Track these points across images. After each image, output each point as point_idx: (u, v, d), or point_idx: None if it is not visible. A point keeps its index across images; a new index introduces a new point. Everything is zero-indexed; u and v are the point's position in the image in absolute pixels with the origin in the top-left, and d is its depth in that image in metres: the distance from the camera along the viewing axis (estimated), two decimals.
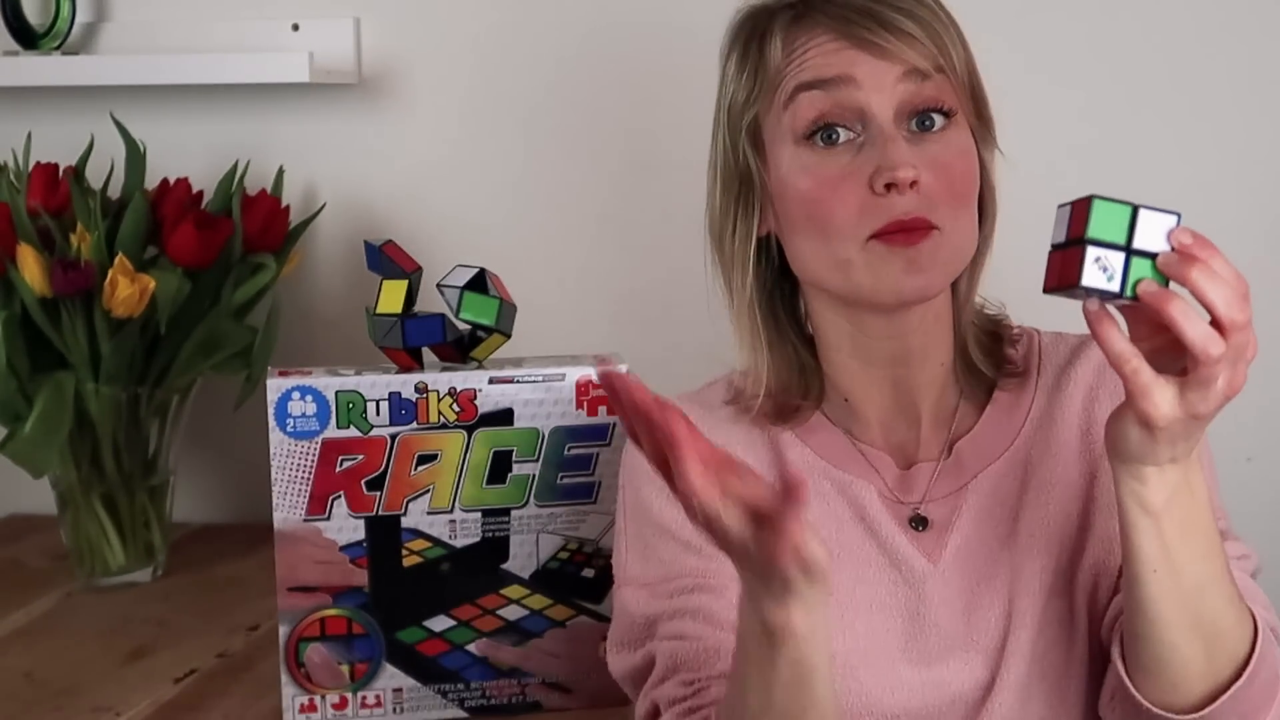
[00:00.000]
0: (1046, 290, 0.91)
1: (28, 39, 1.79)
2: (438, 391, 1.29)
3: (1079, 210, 0.88)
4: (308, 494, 1.29)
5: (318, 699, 1.32)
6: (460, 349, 1.31)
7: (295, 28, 1.76)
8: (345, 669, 1.32)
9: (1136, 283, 0.87)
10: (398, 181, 1.79)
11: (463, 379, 1.30)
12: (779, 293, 1.15)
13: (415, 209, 1.78)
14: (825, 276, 1.08)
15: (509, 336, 1.32)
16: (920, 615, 1.09)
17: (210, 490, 1.88)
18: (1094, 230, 0.86)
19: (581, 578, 1.33)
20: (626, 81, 1.72)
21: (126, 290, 1.51)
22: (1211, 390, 0.89)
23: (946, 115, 1.05)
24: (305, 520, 1.30)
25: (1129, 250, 0.87)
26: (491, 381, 1.30)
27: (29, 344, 1.57)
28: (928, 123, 1.05)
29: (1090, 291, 0.87)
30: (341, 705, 1.32)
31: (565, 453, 1.32)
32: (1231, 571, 0.99)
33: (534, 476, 1.32)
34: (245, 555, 1.71)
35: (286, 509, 1.30)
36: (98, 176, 1.69)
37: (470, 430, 1.30)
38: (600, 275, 1.76)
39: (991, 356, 1.14)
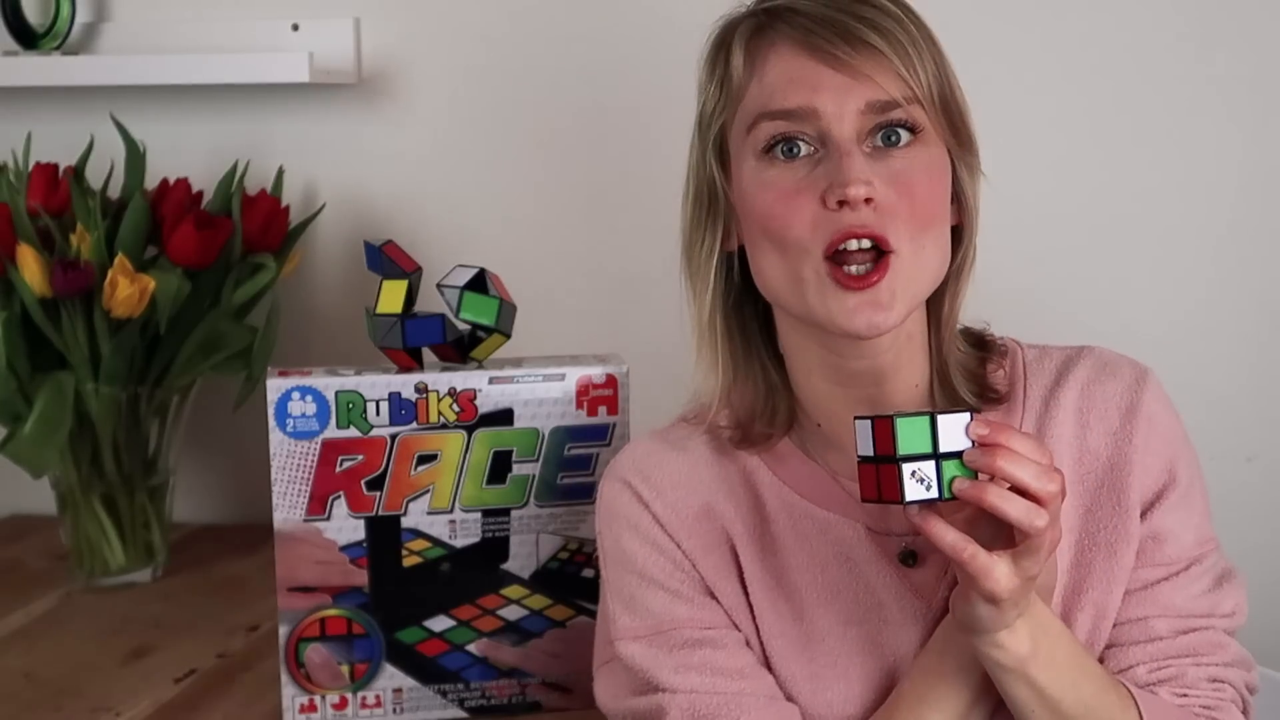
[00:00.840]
0: (865, 500, 0.95)
1: (28, 39, 1.79)
2: (438, 391, 1.29)
3: (882, 430, 0.92)
4: (308, 494, 1.29)
5: (318, 699, 1.32)
6: (460, 349, 1.31)
7: (295, 28, 1.76)
8: (345, 669, 1.32)
9: (950, 482, 0.92)
10: (398, 181, 1.79)
11: (463, 379, 1.30)
12: (752, 310, 1.12)
13: (415, 209, 1.78)
14: (783, 294, 1.05)
15: (509, 336, 1.32)
16: (916, 657, 1.08)
17: (210, 490, 1.88)
18: (903, 447, 0.91)
19: (581, 578, 1.33)
20: (626, 81, 1.72)
21: (126, 290, 1.51)
22: (1041, 552, 0.93)
23: (912, 131, 1.02)
24: (305, 520, 1.30)
25: (937, 456, 0.91)
26: (491, 381, 1.30)
27: (29, 344, 1.57)
28: (893, 137, 1.02)
29: (914, 503, 0.92)
30: (341, 705, 1.32)
31: (565, 453, 1.32)
32: (1105, 676, 1.03)
33: (534, 476, 1.32)
34: (245, 555, 1.71)
35: (286, 509, 1.30)
36: (98, 176, 1.69)
37: (470, 430, 1.30)
38: (600, 275, 1.76)
39: (975, 381, 1.10)
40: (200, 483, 1.86)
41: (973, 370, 1.11)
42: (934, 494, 0.91)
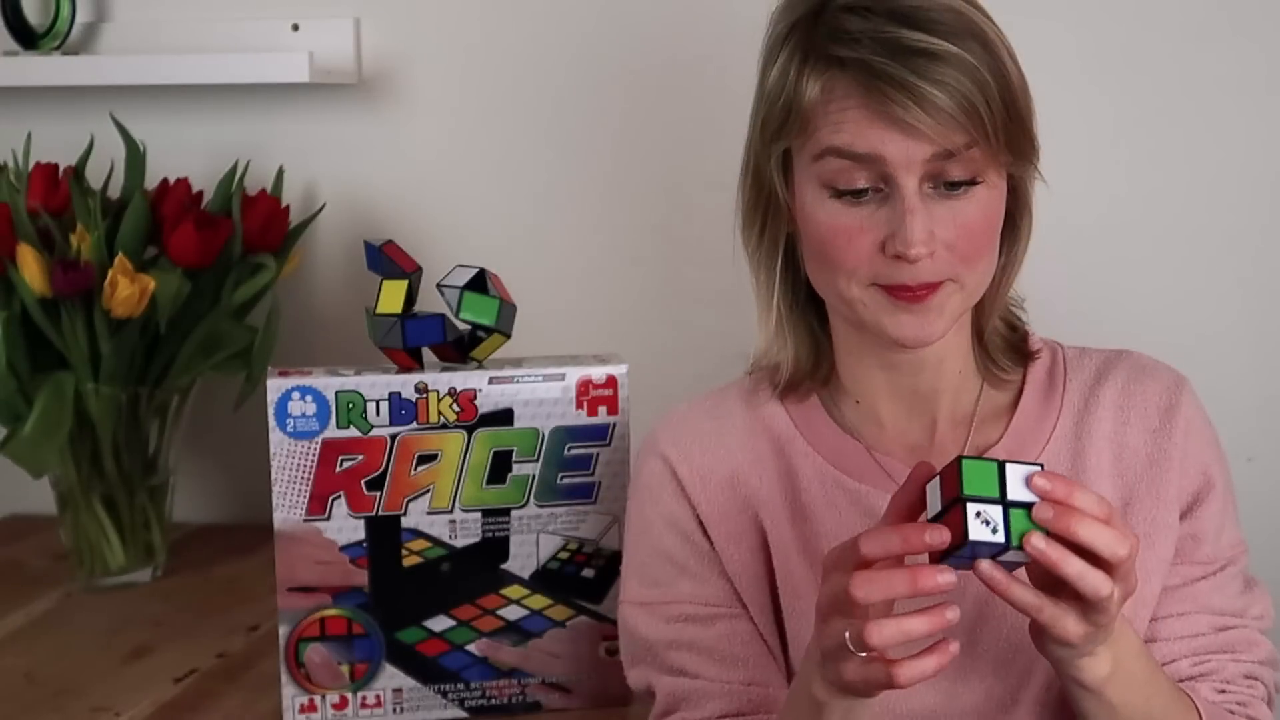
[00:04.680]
0: (935, 560, 0.92)
1: (28, 39, 1.79)
2: (438, 391, 1.29)
3: (949, 474, 0.91)
4: (308, 494, 1.29)
5: (318, 699, 1.32)
6: (460, 349, 1.31)
7: (295, 28, 1.76)
8: (345, 669, 1.32)
9: (1022, 535, 0.89)
10: (398, 181, 1.79)
11: (463, 379, 1.30)
12: (803, 282, 1.14)
13: (415, 209, 1.78)
14: (832, 302, 1.10)
15: (509, 336, 1.32)
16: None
17: (210, 490, 1.88)
18: (969, 488, 0.89)
19: (581, 578, 1.33)
20: (626, 81, 1.72)
21: (126, 290, 1.51)
22: (1110, 609, 0.93)
23: (973, 182, 1.03)
24: (305, 520, 1.30)
25: (1005, 503, 0.90)
26: (491, 381, 1.30)
27: (29, 344, 1.57)
28: (956, 185, 1.03)
29: (978, 546, 0.89)
30: (341, 705, 1.32)
31: (565, 453, 1.32)
32: (1174, 689, 1.05)
33: (534, 476, 1.32)
34: (245, 555, 1.71)
35: (286, 509, 1.30)
36: (98, 176, 1.69)
37: (470, 430, 1.30)
38: (600, 275, 1.76)
39: (1014, 350, 1.14)
40: (200, 483, 1.86)
41: (1009, 339, 1.14)
42: (999, 538, 0.89)
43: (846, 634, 0.91)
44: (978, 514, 0.89)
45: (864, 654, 0.90)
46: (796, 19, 1.06)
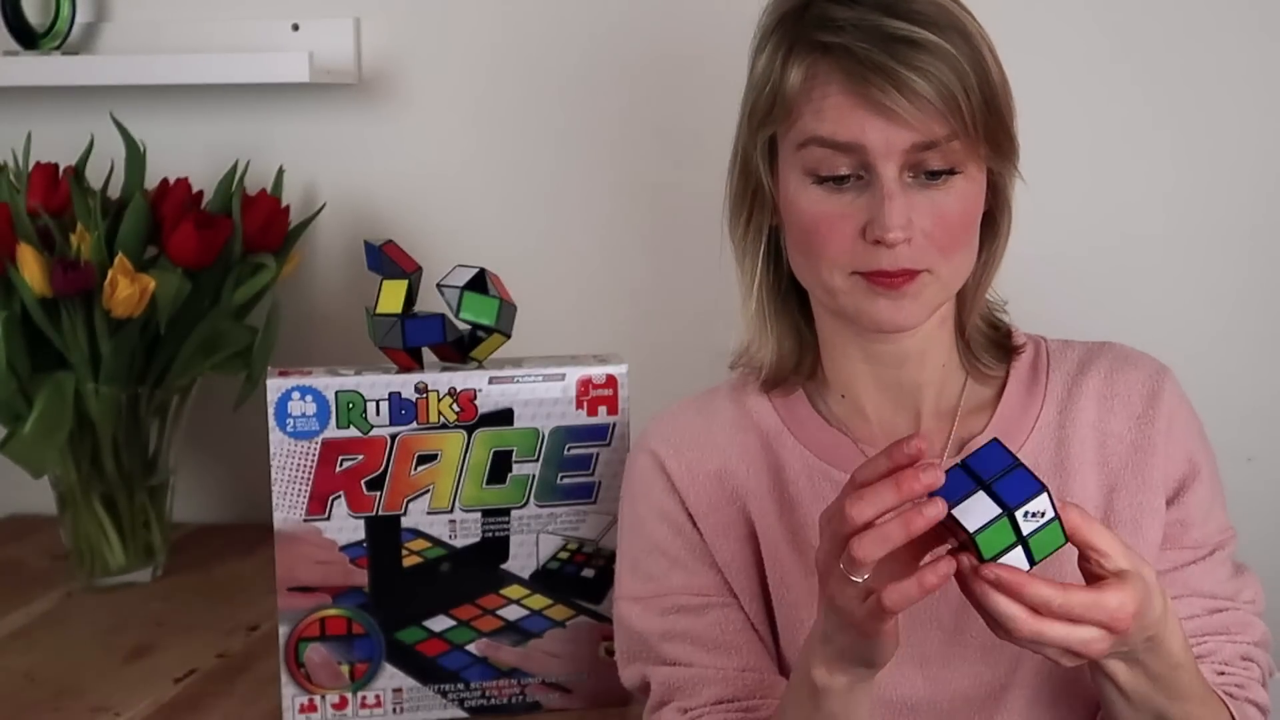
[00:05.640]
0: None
1: (28, 39, 1.79)
2: (438, 391, 1.29)
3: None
4: (308, 494, 1.29)
5: (318, 699, 1.32)
6: (460, 349, 1.31)
7: (295, 28, 1.76)
8: (345, 669, 1.32)
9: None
10: (398, 181, 1.79)
11: (463, 379, 1.30)
12: (789, 277, 1.15)
13: (415, 209, 1.78)
14: (814, 289, 1.11)
15: (509, 336, 1.32)
16: (925, 615, 1.10)
17: (210, 490, 1.88)
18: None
19: (581, 578, 1.33)
20: (627, 80, 1.72)
21: (126, 290, 1.51)
22: (1068, 648, 0.90)
23: (952, 172, 1.05)
24: (305, 520, 1.30)
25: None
26: (491, 381, 1.30)
27: (29, 344, 1.57)
28: (935, 175, 1.05)
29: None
30: (341, 705, 1.32)
31: (565, 453, 1.32)
32: (1206, 675, 1.03)
33: (534, 476, 1.32)
34: (245, 555, 1.71)
35: (286, 509, 1.30)
36: (98, 176, 1.69)
37: (470, 430, 1.30)
38: (600, 275, 1.76)
39: (996, 346, 1.15)
40: (200, 483, 1.86)
41: (991, 337, 1.16)
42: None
43: (841, 564, 0.90)
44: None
45: (861, 579, 0.89)
46: (785, 11, 1.08)
